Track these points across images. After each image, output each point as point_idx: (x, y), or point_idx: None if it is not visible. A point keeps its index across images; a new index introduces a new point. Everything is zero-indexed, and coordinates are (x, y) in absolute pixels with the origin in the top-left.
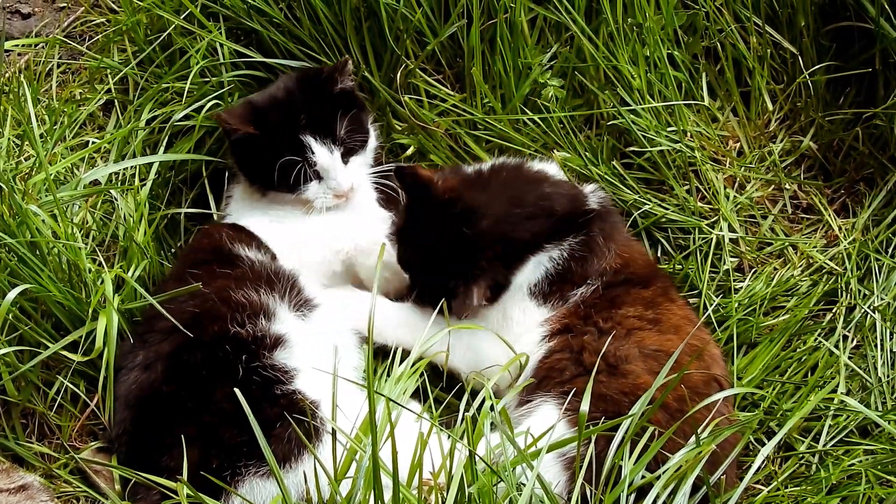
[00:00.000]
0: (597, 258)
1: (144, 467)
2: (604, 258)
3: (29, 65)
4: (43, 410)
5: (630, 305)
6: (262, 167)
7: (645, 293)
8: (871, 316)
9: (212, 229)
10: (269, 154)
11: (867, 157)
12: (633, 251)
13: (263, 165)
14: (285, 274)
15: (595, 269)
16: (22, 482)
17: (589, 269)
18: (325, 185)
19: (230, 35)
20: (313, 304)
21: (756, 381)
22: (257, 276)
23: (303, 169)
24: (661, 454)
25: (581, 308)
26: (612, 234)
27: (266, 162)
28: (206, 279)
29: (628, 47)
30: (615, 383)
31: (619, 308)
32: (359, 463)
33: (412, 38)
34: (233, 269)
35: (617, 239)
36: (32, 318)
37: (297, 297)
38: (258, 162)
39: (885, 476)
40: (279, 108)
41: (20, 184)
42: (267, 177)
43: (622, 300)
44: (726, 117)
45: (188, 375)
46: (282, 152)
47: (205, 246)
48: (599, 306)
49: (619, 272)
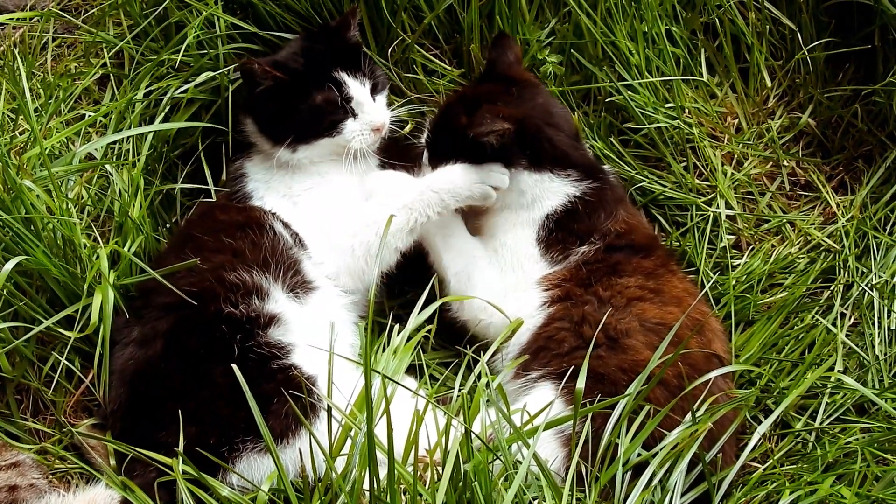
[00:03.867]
0: (604, 213)
1: (140, 443)
2: (610, 216)
3: (24, 38)
4: (37, 386)
5: (630, 275)
6: (292, 116)
7: (646, 263)
8: (868, 293)
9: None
10: (300, 99)
11: (866, 134)
12: (637, 220)
13: (294, 114)
14: (283, 255)
15: (601, 225)
16: (14, 460)
17: (595, 222)
18: (360, 122)
19: (226, 8)
20: (311, 287)
21: (753, 358)
22: (254, 256)
23: (338, 107)
24: (659, 431)
25: (582, 271)
26: (621, 198)
27: (297, 109)
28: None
29: (626, 23)
30: (615, 359)
31: (619, 276)
32: (354, 440)
33: (409, 13)
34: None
35: (624, 204)
36: (27, 293)
37: (294, 278)
38: (288, 112)
39: (882, 454)
40: (303, 56)
41: (14, 158)
42: (299, 126)
43: (623, 268)
44: (724, 94)
45: (185, 352)
46: (313, 93)
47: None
48: (600, 272)
49: (621, 237)
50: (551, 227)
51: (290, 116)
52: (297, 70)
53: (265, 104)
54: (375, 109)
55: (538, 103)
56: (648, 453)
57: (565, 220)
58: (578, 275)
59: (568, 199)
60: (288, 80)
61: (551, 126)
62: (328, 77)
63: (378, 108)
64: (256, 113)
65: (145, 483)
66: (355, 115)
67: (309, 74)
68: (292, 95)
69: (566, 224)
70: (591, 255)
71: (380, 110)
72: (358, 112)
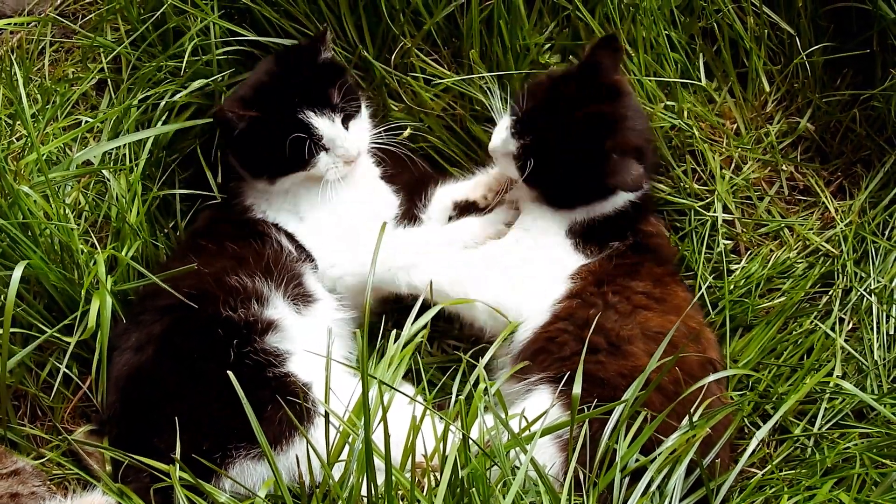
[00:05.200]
0: (645, 213)
1: (135, 449)
2: (646, 218)
3: (21, 43)
4: (35, 392)
5: (642, 279)
6: (266, 154)
7: (657, 269)
8: (867, 299)
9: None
10: (273, 134)
11: (864, 139)
12: (661, 228)
13: (267, 152)
14: (286, 266)
15: (638, 224)
16: (14, 467)
17: (635, 221)
18: (332, 155)
19: (223, 13)
20: (312, 300)
21: (752, 363)
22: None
23: (308, 144)
24: (656, 437)
25: (610, 265)
26: (652, 206)
27: (269, 147)
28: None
29: (625, 28)
30: (615, 364)
31: (632, 279)
32: (351, 446)
33: (408, 19)
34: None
35: (654, 212)
36: (24, 299)
37: (295, 290)
38: (262, 150)
39: (880, 459)
40: (270, 92)
41: (12, 164)
42: (273, 163)
43: (637, 270)
44: (723, 98)
45: (179, 356)
46: (285, 133)
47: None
48: (620, 269)
49: (648, 237)
50: (596, 227)
51: (263, 154)
52: (266, 107)
53: (242, 144)
54: (348, 142)
55: (646, 123)
56: (647, 458)
57: (614, 219)
58: (601, 270)
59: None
60: (260, 115)
61: (651, 142)
62: (294, 119)
63: (351, 139)
64: (234, 152)
65: (140, 489)
66: (327, 150)
67: (277, 113)
68: (265, 131)
69: (615, 222)
70: (620, 250)
71: (352, 142)
72: (329, 147)
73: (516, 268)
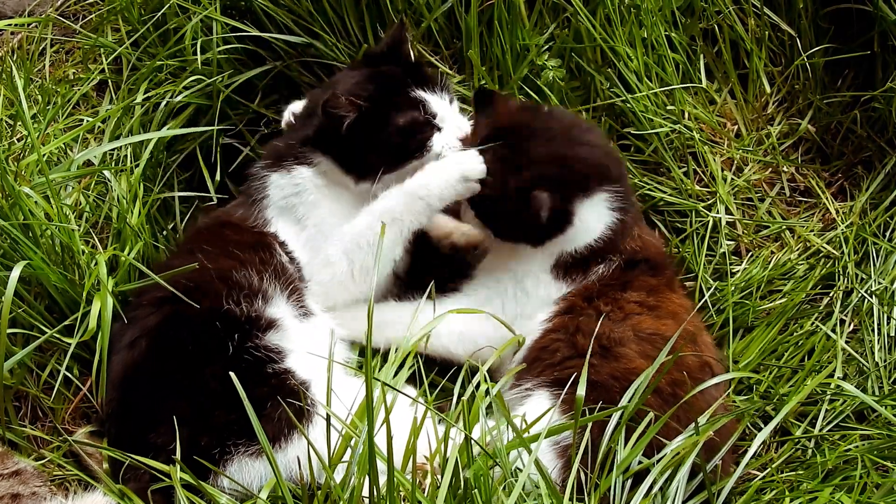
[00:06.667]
0: (627, 234)
1: (133, 447)
2: (630, 235)
3: (22, 44)
4: (36, 393)
5: (635, 290)
6: (378, 146)
7: (652, 280)
8: (868, 300)
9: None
10: (382, 125)
11: (865, 140)
12: (651, 237)
13: (379, 143)
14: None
15: (621, 244)
16: (15, 468)
17: (618, 243)
18: (446, 135)
19: (224, 12)
20: (311, 314)
21: (752, 364)
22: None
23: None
24: (655, 440)
25: (596, 286)
26: (639, 215)
27: (381, 137)
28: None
29: (626, 29)
30: (607, 367)
31: (624, 291)
32: (353, 448)
33: (410, 18)
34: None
35: (641, 221)
36: (25, 299)
37: (298, 301)
38: (372, 143)
39: (881, 461)
40: (374, 80)
41: (12, 165)
42: (388, 154)
43: (630, 285)
44: (724, 100)
45: (174, 350)
46: (394, 117)
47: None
48: (610, 288)
49: (636, 253)
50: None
51: (375, 147)
52: (372, 96)
53: (349, 140)
54: (460, 118)
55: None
56: (649, 461)
57: (594, 246)
58: (588, 290)
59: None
60: (370, 106)
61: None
62: (408, 99)
63: (461, 116)
64: (340, 151)
65: (140, 488)
66: (440, 129)
67: (386, 99)
68: (373, 124)
69: (593, 249)
70: (607, 272)
71: (462, 119)
72: (442, 126)
73: (508, 309)
